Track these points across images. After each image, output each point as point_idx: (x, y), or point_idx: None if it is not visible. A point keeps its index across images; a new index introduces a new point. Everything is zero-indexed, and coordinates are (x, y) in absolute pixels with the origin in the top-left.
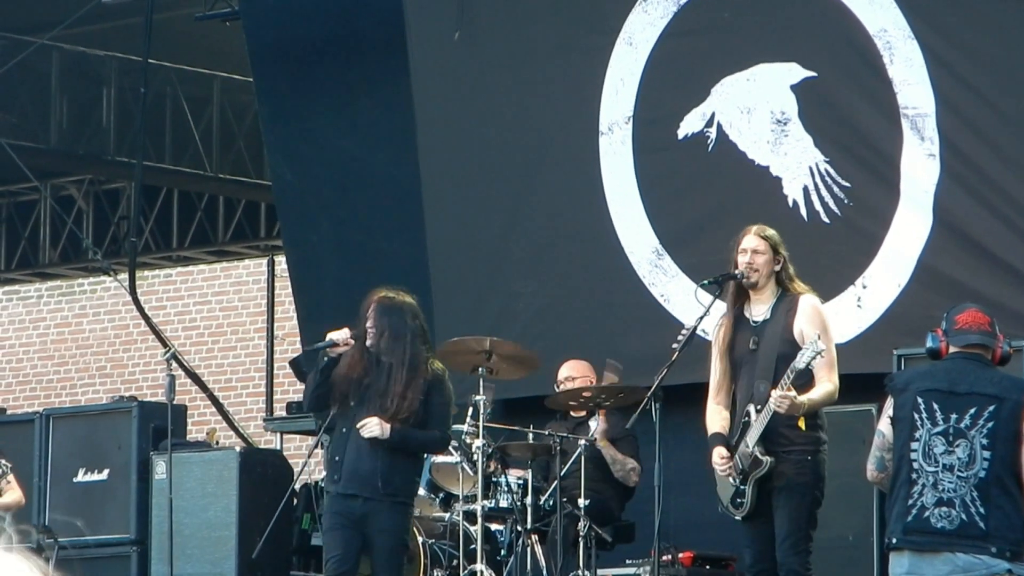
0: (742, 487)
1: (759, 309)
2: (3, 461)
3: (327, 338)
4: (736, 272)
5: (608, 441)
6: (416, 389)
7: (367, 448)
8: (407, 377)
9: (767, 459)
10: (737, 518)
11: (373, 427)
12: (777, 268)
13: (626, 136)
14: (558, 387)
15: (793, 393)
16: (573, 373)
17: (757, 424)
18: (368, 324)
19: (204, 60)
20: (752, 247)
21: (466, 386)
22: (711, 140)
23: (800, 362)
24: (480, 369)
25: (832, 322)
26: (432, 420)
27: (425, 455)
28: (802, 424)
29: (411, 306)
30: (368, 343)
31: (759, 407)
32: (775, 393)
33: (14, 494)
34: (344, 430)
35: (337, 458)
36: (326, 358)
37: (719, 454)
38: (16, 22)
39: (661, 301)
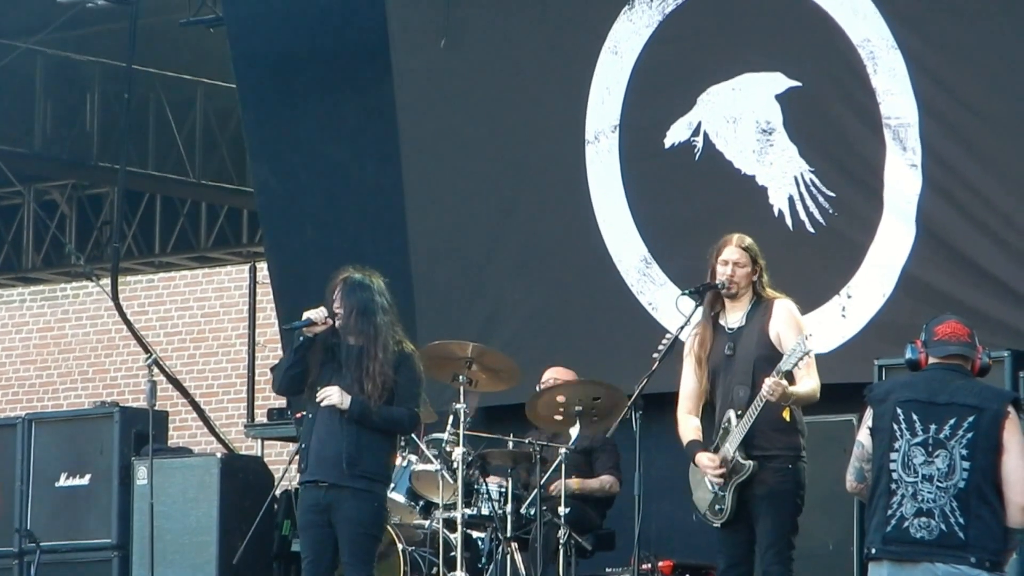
0: (721, 493)
1: (734, 316)
2: None
3: (303, 316)
4: (717, 282)
5: (579, 478)
6: (387, 365)
7: (333, 430)
8: (378, 355)
9: (749, 463)
10: (716, 525)
11: (333, 395)
12: (755, 278)
13: (612, 145)
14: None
15: (784, 382)
16: (557, 378)
17: (738, 429)
18: (335, 305)
19: (188, 66)
20: (733, 260)
21: (447, 395)
22: (698, 149)
23: (787, 363)
24: (460, 377)
25: (806, 323)
26: (399, 397)
27: (397, 438)
28: (786, 415)
29: (378, 283)
30: (337, 323)
31: (739, 412)
32: (768, 381)
33: None
34: (311, 416)
35: (304, 445)
36: (301, 337)
37: (708, 458)
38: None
39: (649, 309)
